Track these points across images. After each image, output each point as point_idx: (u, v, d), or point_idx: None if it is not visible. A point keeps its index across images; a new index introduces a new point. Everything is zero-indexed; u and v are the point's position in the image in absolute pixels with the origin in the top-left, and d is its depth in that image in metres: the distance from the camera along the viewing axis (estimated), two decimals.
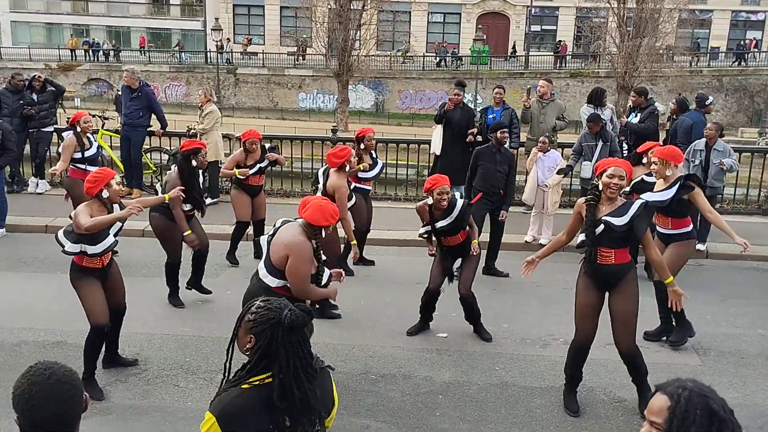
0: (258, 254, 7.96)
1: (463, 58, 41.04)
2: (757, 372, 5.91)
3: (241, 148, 8.09)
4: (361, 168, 7.83)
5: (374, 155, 8.26)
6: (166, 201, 6.26)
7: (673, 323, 6.31)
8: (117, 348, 5.73)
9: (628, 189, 6.11)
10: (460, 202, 6.12)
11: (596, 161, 8.63)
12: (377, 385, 5.54)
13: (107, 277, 5.42)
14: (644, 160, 6.71)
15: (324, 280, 4.73)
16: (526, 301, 7.38)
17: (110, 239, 5.27)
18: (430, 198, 6.03)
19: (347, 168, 6.96)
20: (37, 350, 5.64)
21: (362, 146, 8.06)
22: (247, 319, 2.51)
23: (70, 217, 5.28)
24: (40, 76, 11.32)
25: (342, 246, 7.35)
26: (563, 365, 5.93)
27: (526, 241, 9.05)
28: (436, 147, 10.44)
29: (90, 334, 5.30)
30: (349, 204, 7.16)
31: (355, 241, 6.91)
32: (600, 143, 8.69)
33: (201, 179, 6.85)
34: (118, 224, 5.39)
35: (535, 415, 5.13)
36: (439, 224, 6.10)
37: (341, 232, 6.85)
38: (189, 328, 6.46)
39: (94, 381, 5.29)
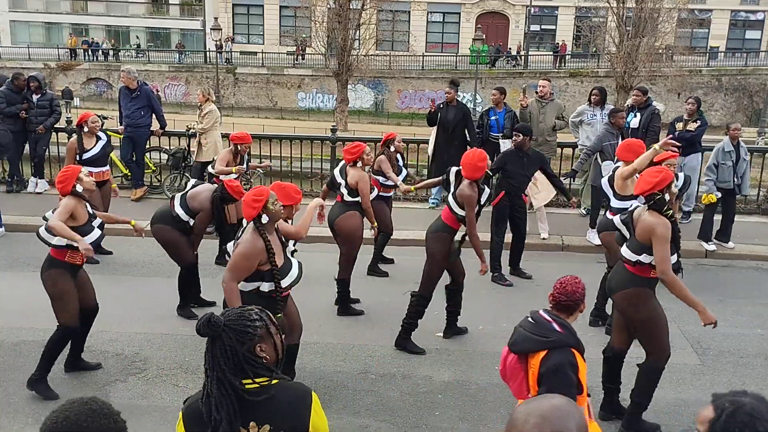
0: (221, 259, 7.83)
1: (518, 57, 40.97)
2: (756, 372, 5.92)
3: (230, 148, 8.05)
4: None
5: (399, 162, 8.08)
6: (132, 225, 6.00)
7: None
8: (82, 350, 5.60)
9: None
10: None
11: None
12: (376, 384, 5.55)
13: (77, 276, 5.30)
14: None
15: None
16: (525, 300, 7.37)
17: (96, 232, 5.22)
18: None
19: (359, 164, 6.90)
20: (37, 350, 5.63)
21: (392, 149, 7.88)
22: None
23: (45, 218, 5.21)
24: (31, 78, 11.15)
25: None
26: None
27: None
28: (430, 147, 10.47)
29: (57, 335, 5.17)
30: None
31: (375, 224, 6.98)
32: (620, 141, 8.61)
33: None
34: (99, 219, 5.37)
35: None
36: (485, 195, 6.15)
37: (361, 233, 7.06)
38: (188, 328, 6.45)
39: (46, 382, 5.18)
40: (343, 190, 6.89)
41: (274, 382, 2.45)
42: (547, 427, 1.74)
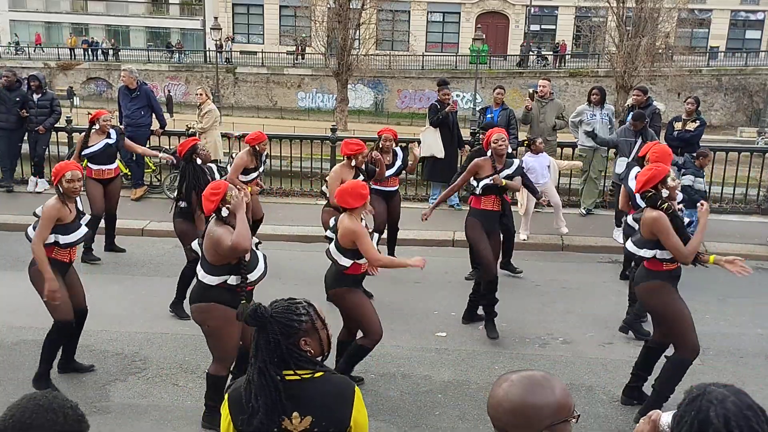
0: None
1: (549, 58, 41.00)
2: (756, 371, 5.92)
3: (248, 149, 7.75)
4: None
5: (398, 152, 8.01)
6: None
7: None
8: (74, 352, 5.57)
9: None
10: (516, 160, 6.84)
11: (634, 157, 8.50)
12: (376, 384, 5.55)
13: (67, 275, 5.28)
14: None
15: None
16: (525, 300, 7.38)
17: (83, 229, 5.24)
18: (490, 151, 6.42)
19: (353, 162, 6.86)
20: (36, 349, 5.63)
21: (380, 146, 7.77)
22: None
23: (35, 214, 5.22)
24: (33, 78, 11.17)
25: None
26: (562, 364, 5.94)
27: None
28: (435, 149, 10.31)
29: (53, 332, 5.19)
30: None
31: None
32: (639, 141, 8.59)
33: (215, 172, 6.77)
34: (87, 216, 5.41)
35: None
36: (505, 173, 6.43)
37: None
38: (188, 327, 6.43)
39: (49, 378, 5.18)
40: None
41: (318, 374, 2.46)
42: (529, 383, 1.94)
